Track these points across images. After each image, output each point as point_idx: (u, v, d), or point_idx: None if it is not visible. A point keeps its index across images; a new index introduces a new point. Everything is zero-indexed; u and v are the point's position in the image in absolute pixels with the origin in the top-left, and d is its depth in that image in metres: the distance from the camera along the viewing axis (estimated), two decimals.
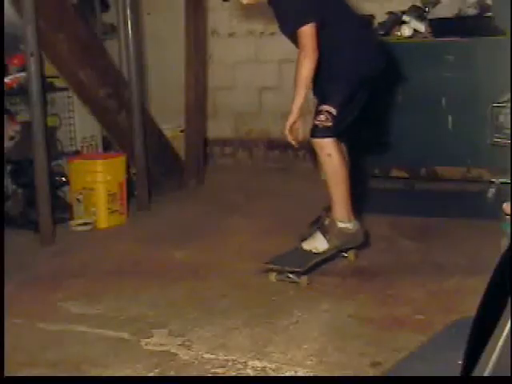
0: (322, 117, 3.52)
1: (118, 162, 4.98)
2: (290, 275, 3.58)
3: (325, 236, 3.67)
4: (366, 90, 3.72)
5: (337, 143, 3.57)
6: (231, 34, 6.65)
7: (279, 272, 3.61)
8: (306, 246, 3.69)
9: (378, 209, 4.94)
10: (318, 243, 3.67)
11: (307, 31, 3.47)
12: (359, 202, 4.08)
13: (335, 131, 3.55)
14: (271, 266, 3.65)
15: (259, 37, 6.50)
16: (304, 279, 3.55)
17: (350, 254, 3.88)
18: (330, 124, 3.52)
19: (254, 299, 3.44)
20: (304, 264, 3.58)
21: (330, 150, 3.54)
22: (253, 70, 6.43)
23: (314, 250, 3.66)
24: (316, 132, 3.54)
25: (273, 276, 3.63)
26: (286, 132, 3.57)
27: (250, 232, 4.53)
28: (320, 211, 3.90)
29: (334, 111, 3.52)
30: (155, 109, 6.24)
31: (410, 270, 3.79)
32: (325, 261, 3.74)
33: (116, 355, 2.91)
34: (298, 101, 3.51)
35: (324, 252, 3.67)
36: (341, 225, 3.66)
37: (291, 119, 3.54)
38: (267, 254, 3.76)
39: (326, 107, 3.54)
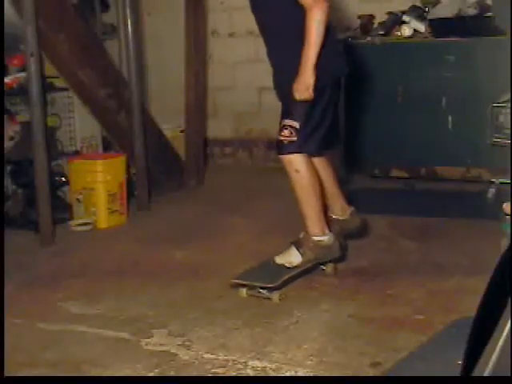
0: (286, 132, 3.39)
1: (118, 162, 4.98)
2: (262, 291, 3.41)
3: (298, 250, 3.52)
4: (336, 94, 3.59)
5: (306, 158, 3.43)
6: (231, 34, 6.66)
7: (250, 287, 3.45)
8: (279, 259, 3.54)
9: (378, 209, 4.94)
10: (291, 257, 3.52)
11: None
12: (359, 202, 4.08)
13: (303, 146, 3.41)
14: (240, 282, 3.47)
15: (259, 37, 6.49)
16: (276, 295, 3.38)
17: (329, 268, 3.71)
18: (295, 138, 3.38)
19: (253, 299, 3.43)
20: (276, 279, 3.41)
21: (297, 166, 3.41)
22: (253, 70, 6.43)
23: (287, 264, 3.51)
24: (282, 148, 3.42)
25: (243, 291, 3.45)
26: (311, 92, 3.36)
27: (250, 232, 4.53)
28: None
29: (296, 125, 3.38)
30: (155, 109, 6.24)
31: (409, 269, 3.79)
32: (300, 275, 3.58)
33: (116, 355, 2.91)
34: (312, 60, 3.31)
35: (298, 266, 3.52)
36: (315, 238, 3.52)
37: (311, 80, 3.33)
38: (267, 254, 3.75)
39: (287, 122, 3.40)
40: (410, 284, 3.55)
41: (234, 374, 2.70)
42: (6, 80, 4.85)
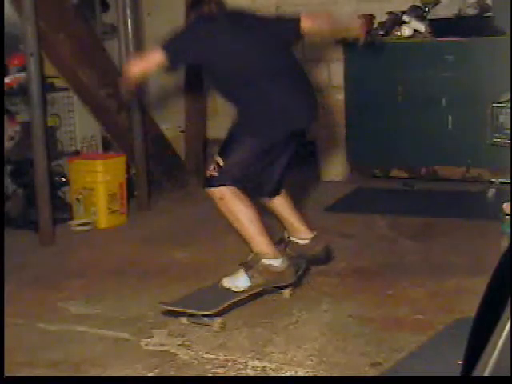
0: (211, 166, 3.41)
1: (118, 161, 4.98)
2: (204, 318, 3.15)
3: (247, 273, 3.32)
4: (287, 144, 3.49)
5: (227, 188, 3.35)
6: None
7: (190, 314, 3.19)
8: (226, 283, 3.32)
9: (378, 209, 4.94)
10: (239, 281, 3.31)
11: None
12: (359, 202, 4.08)
13: (222, 181, 3.36)
14: (175, 309, 3.21)
15: None
16: (217, 322, 3.13)
17: (286, 292, 3.46)
18: (215, 174, 3.36)
19: (254, 299, 3.43)
20: (217, 305, 3.17)
21: (219, 195, 3.36)
22: None
23: (234, 289, 3.29)
24: (205, 181, 3.44)
25: (184, 319, 3.19)
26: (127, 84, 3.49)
27: None
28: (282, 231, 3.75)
29: (221, 162, 3.37)
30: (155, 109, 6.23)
31: (410, 270, 3.79)
32: (250, 299, 3.35)
33: (116, 355, 2.91)
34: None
35: (245, 291, 3.30)
36: (265, 262, 3.34)
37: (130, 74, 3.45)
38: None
39: (216, 158, 3.41)
40: (410, 284, 3.55)
41: (233, 374, 2.71)
42: (6, 80, 4.86)
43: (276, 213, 3.70)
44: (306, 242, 3.67)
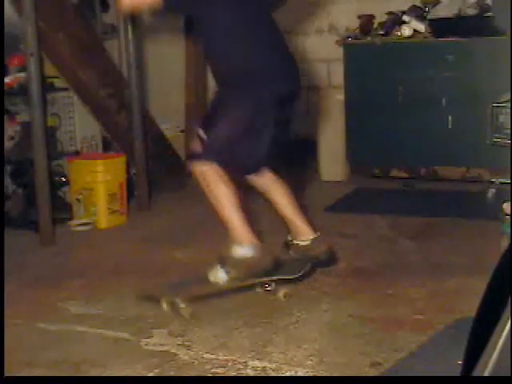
0: (196, 141, 3.37)
1: (118, 161, 4.98)
2: (180, 304, 3.25)
3: (223, 267, 3.34)
4: (271, 114, 3.37)
5: (211, 167, 3.30)
6: None
7: (169, 301, 3.28)
8: (211, 276, 3.36)
9: (378, 209, 4.94)
10: (218, 275, 3.34)
11: None
12: (359, 202, 4.08)
13: (206, 156, 3.32)
14: (152, 294, 3.34)
15: None
16: (187, 310, 3.23)
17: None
18: (199, 149, 3.34)
19: (254, 299, 3.43)
20: (190, 293, 3.30)
21: (203, 174, 3.32)
22: None
23: (217, 281, 3.34)
24: (189, 157, 3.40)
25: (164, 304, 3.29)
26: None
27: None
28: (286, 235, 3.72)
29: (204, 137, 3.34)
30: (155, 109, 6.24)
31: (409, 269, 3.79)
32: (239, 291, 3.39)
33: (116, 355, 2.91)
34: None
35: (226, 285, 3.33)
36: (237, 254, 3.33)
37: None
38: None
39: (199, 132, 3.37)
40: (410, 284, 3.55)
41: (233, 374, 2.71)
42: (6, 80, 4.85)
43: (277, 209, 3.67)
44: (307, 242, 3.64)
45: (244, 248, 3.35)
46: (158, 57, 6.78)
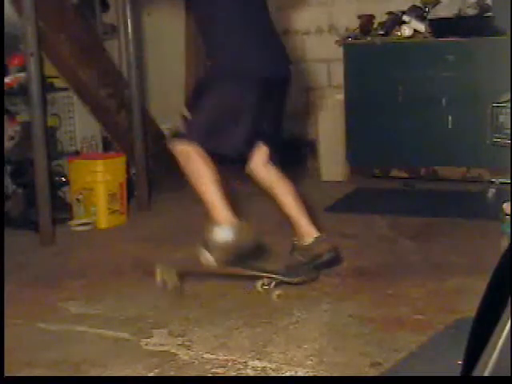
0: (180, 121, 3.37)
1: (118, 161, 4.98)
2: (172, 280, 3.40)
3: (207, 250, 3.35)
4: (257, 100, 3.35)
5: (194, 148, 3.29)
6: None
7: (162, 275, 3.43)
8: (202, 260, 3.38)
9: (378, 209, 4.94)
10: (206, 258, 3.35)
11: None
12: (359, 202, 4.07)
13: (189, 135, 3.31)
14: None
15: None
16: (175, 284, 3.39)
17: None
18: (183, 129, 3.33)
19: (254, 299, 3.43)
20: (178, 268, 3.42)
21: (185, 154, 3.31)
22: None
23: (210, 265, 3.37)
24: (172, 135, 3.41)
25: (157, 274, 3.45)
26: None
27: None
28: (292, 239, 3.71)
29: (187, 115, 3.32)
30: (155, 109, 6.24)
31: (410, 269, 3.79)
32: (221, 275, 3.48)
33: (116, 355, 2.91)
34: None
35: (217, 268, 3.36)
36: (217, 236, 3.32)
37: None
38: (266, 254, 3.75)
39: (183, 110, 3.38)
40: (410, 284, 3.55)
41: (233, 374, 2.71)
42: (6, 80, 4.85)
43: (281, 207, 3.63)
44: (311, 241, 3.61)
45: (223, 229, 3.33)
46: (158, 57, 6.79)
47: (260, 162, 3.61)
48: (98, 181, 4.82)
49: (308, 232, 3.62)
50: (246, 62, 3.37)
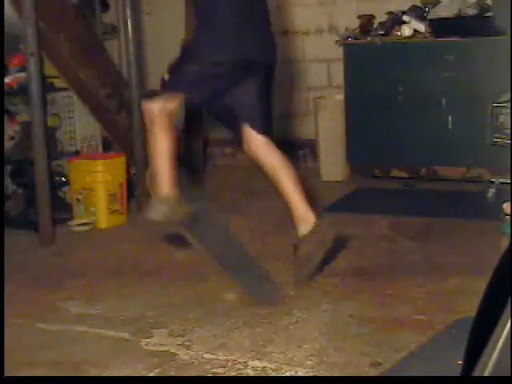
0: (159, 83, 3.40)
1: (118, 161, 4.98)
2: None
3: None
4: (240, 79, 3.41)
5: (161, 112, 3.28)
6: None
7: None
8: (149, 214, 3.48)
9: (378, 209, 4.94)
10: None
11: None
12: (359, 202, 4.07)
13: (163, 90, 3.35)
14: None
15: None
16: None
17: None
18: (160, 89, 3.35)
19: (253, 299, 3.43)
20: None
21: (150, 114, 3.30)
22: None
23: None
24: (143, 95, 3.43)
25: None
26: None
27: (250, 232, 4.52)
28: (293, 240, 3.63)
29: (166, 77, 3.35)
30: None
31: (410, 269, 3.78)
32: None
33: (116, 355, 2.91)
34: None
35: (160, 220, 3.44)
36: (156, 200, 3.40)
37: None
38: (268, 254, 3.75)
39: (164, 75, 3.39)
40: (409, 284, 3.55)
41: (234, 374, 2.71)
42: (6, 80, 4.85)
43: (281, 193, 3.54)
44: (311, 227, 3.44)
45: (159, 205, 3.39)
46: (158, 57, 6.79)
47: (251, 146, 3.62)
48: (98, 181, 4.82)
49: (309, 220, 3.46)
50: (236, 43, 3.39)
